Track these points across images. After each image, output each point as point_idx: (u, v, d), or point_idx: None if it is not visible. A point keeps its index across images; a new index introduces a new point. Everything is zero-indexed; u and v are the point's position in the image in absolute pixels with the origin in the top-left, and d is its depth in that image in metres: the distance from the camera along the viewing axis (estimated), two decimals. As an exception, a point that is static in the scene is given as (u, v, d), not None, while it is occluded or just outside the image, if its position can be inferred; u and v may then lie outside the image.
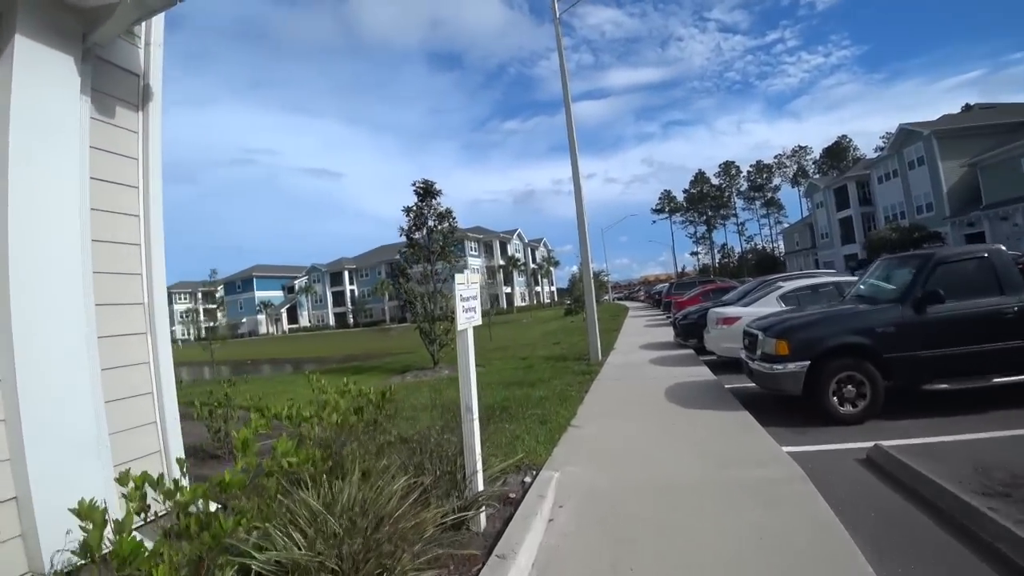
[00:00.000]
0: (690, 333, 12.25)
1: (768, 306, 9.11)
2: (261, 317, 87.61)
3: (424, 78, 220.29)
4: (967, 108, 53.53)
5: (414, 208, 13.26)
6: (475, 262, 69.52)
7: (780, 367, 5.71)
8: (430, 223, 13.28)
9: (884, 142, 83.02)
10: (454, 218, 13.42)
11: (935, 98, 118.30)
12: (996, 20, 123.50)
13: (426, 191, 13.28)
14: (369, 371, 14.89)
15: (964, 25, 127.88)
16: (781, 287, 9.38)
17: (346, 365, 18.27)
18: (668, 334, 15.96)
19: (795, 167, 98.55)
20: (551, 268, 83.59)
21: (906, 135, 39.71)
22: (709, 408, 6.20)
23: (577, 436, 5.50)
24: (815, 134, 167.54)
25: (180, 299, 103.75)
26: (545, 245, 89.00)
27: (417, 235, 13.36)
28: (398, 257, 13.38)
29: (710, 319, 10.08)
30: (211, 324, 25.62)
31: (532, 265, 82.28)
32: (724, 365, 9.64)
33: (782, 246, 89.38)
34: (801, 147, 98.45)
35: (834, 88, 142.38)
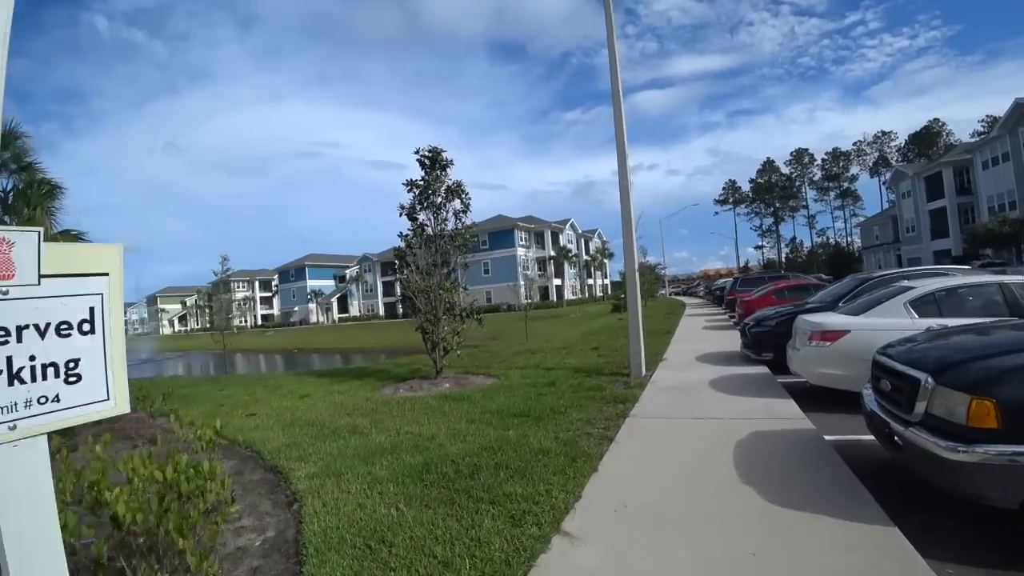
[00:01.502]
0: (764, 345, 9.29)
1: (893, 316, 6.15)
2: (312, 306, 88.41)
3: (486, 69, 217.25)
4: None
5: (420, 183, 10.84)
6: (524, 252, 67.04)
7: (970, 451, 2.88)
8: (437, 200, 10.85)
9: (984, 126, 74.62)
10: (466, 194, 10.91)
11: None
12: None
13: (432, 161, 10.84)
14: (372, 375, 12.68)
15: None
16: (912, 289, 6.35)
17: (352, 367, 16.27)
18: (732, 340, 12.95)
19: (876, 155, 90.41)
20: (605, 260, 79.88)
21: (1023, 111, 34.10)
22: (820, 508, 3.41)
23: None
24: (896, 123, 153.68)
25: (238, 287, 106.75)
26: (600, 236, 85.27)
27: (422, 215, 10.96)
28: (400, 241, 10.98)
29: (799, 330, 7.17)
30: (217, 315, 24.22)
31: (585, 257, 78.97)
32: (815, 395, 6.76)
33: (857, 241, 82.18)
34: (884, 132, 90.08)
35: (920, 72, 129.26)
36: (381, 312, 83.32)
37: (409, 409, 7.92)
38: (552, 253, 68.24)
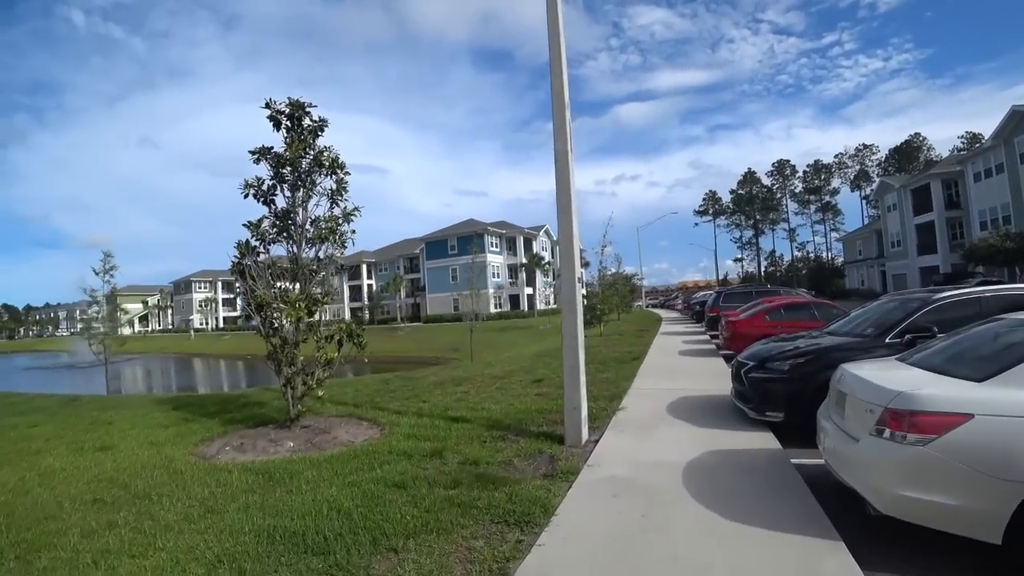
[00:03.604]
0: (770, 400, 6.10)
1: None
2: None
3: (471, 77, 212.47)
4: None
5: (283, 153, 7.39)
6: (496, 259, 63.75)
7: None
8: (305, 174, 7.48)
9: (964, 142, 73.71)
10: (342, 167, 7.58)
11: (1006, 104, 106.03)
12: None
13: (294, 119, 7.47)
14: (230, 411, 9.17)
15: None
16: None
17: (223, 394, 12.80)
18: (716, 373, 9.87)
19: (857, 168, 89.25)
20: (582, 269, 76.99)
21: (1019, 119, 31.91)
22: None
23: None
24: (869, 141, 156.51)
25: (200, 288, 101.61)
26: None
27: (279, 198, 7.59)
28: (247, 231, 7.57)
29: (853, 399, 3.92)
30: (103, 323, 20.51)
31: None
32: (882, 521, 3.55)
33: (837, 254, 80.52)
34: (866, 146, 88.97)
35: (893, 94, 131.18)
36: (347, 317, 79.16)
37: (187, 499, 4.73)
38: (524, 260, 65.01)
